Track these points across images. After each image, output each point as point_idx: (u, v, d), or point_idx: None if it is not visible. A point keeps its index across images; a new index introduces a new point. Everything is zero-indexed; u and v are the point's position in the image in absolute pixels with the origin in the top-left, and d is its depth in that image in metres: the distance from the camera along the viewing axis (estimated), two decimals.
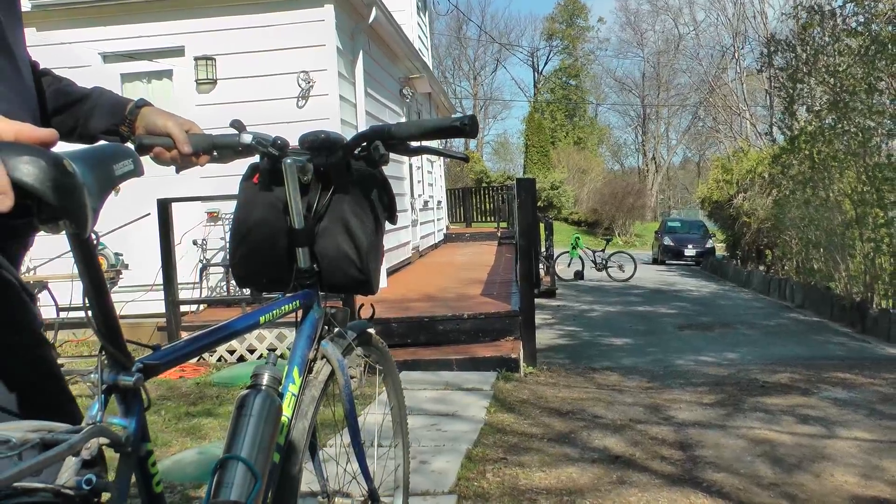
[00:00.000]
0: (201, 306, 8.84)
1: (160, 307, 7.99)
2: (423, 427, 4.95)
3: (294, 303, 1.87)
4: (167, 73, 9.53)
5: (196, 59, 9.22)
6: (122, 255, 6.94)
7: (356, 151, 1.93)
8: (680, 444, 4.79)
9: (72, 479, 1.11)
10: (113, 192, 1.13)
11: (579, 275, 20.04)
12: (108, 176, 1.12)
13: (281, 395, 1.73)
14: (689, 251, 27.74)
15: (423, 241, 16.71)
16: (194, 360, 7.70)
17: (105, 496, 1.14)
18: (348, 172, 1.93)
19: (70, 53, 9.28)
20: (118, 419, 1.23)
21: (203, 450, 4.70)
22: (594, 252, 20.97)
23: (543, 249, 16.19)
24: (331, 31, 9.24)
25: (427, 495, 3.73)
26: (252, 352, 7.67)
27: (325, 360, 1.97)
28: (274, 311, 1.78)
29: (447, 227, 23.24)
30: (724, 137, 39.58)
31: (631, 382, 7.07)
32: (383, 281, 10.41)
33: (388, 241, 11.62)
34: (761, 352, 8.88)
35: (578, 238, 21.59)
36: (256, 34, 9.22)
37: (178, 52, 9.39)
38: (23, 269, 8.13)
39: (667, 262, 28.07)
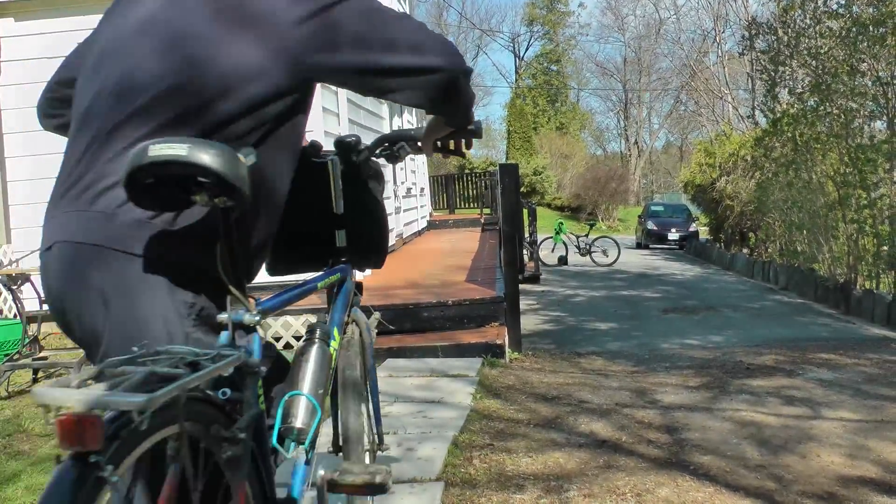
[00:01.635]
0: None
1: None
2: (410, 414, 4.93)
3: (338, 274, 2.30)
4: None
5: None
6: None
7: (378, 151, 2.39)
8: (666, 427, 4.80)
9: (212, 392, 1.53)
10: None
11: (563, 260, 20.06)
12: (239, 162, 1.53)
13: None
14: (673, 235, 27.83)
15: (407, 228, 16.69)
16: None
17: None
18: (368, 168, 2.36)
19: (50, 44, 9.18)
20: (246, 347, 1.62)
21: None
22: (578, 237, 20.97)
23: (527, 235, 16.19)
24: None
25: (414, 482, 3.71)
26: None
27: (354, 322, 2.38)
28: (326, 280, 2.22)
29: (430, 214, 23.20)
30: (707, 121, 39.72)
31: (616, 367, 7.08)
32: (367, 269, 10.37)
33: None
34: (746, 334, 8.90)
35: (562, 223, 21.61)
36: None
37: None
38: (5, 261, 8.01)
39: (650, 246, 28.16)
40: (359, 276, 2.51)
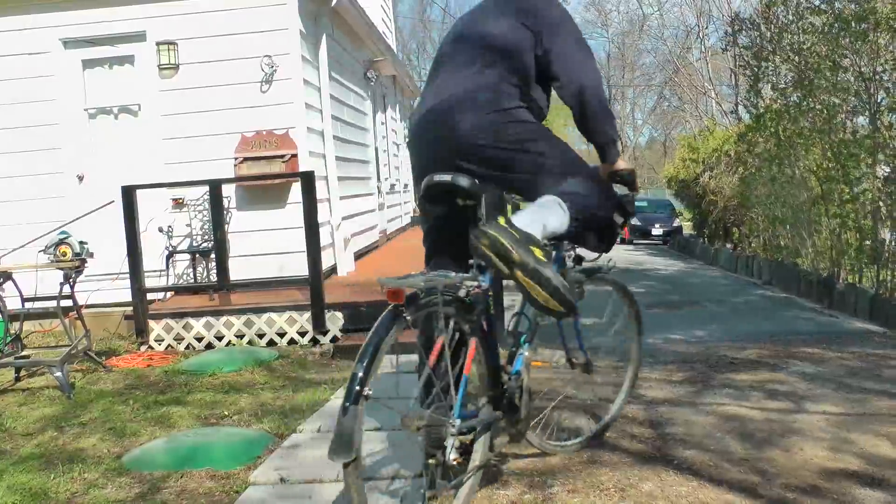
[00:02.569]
0: (168, 293, 8.77)
1: (127, 295, 7.90)
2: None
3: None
4: (129, 59, 9.41)
5: (158, 44, 9.10)
6: (87, 243, 6.82)
7: None
8: (650, 422, 4.81)
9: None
10: (77, 179, 1.37)
11: None
12: (475, 183, 3.24)
13: None
14: (657, 230, 27.88)
15: (391, 224, 16.68)
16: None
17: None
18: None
19: (30, 39, 9.13)
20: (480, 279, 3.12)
21: (172, 438, 4.64)
22: None
23: None
24: (294, 15, 9.16)
25: (398, 479, 3.71)
26: (220, 338, 7.62)
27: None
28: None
29: (414, 211, 23.18)
30: (690, 117, 39.81)
31: (600, 362, 7.06)
32: (351, 265, 10.38)
33: (355, 225, 11.56)
34: (730, 329, 8.92)
35: None
36: (219, 18, 9.12)
37: (139, 37, 9.27)
38: None
39: (634, 241, 28.19)
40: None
